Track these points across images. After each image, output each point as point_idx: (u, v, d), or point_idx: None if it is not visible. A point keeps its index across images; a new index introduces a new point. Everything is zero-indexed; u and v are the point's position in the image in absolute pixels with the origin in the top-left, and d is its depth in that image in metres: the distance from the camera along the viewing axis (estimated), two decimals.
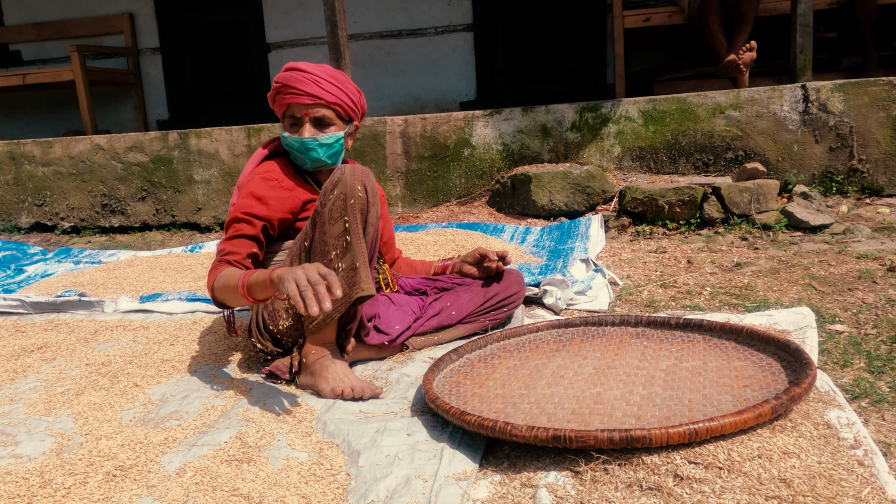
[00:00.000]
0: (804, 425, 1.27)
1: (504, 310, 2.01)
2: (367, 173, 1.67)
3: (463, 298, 1.98)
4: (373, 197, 1.65)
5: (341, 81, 1.84)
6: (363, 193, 1.63)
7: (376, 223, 1.69)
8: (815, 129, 3.41)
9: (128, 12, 5.75)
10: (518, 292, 2.04)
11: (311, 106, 1.81)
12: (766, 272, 2.43)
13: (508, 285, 2.02)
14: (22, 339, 2.23)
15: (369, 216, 1.65)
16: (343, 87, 1.84)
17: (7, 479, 1.28)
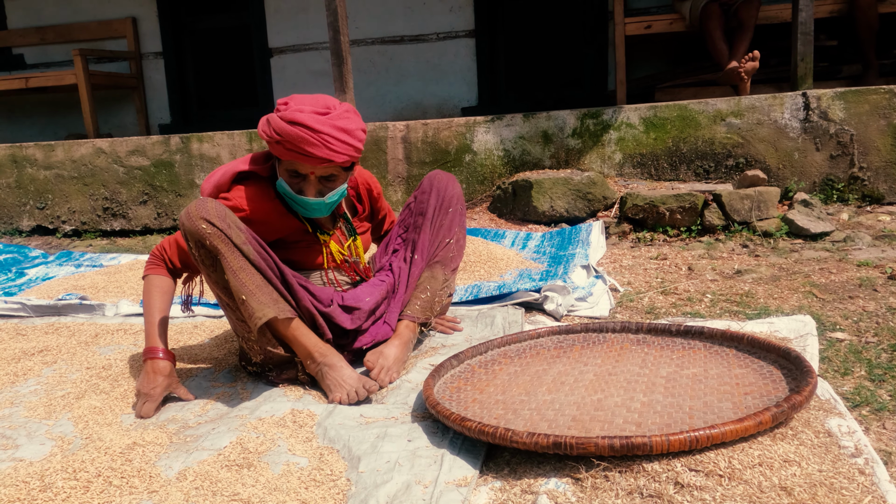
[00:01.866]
0: (805, 433, 1.27)
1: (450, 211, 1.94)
2: (202, 204, 1.56)
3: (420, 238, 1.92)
4: (223, 221, 1.54)
5: (351, 132, 1.65)
6: (209, 227, 1.53)
7: (255, 240, 1.61)
8: (816, 136, 3.42)
9: (131, 16, 5.77)
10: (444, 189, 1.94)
11: (318, 166, 1.66)
12: (766, 279, 2.43)
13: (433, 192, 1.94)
14: (23, 342, 2.23)
15: (235, 241, 1.55)
16: (352, 140, 1.65)
17: (7, 483, 1.28)
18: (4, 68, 6.13)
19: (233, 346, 2.06)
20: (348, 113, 1.67)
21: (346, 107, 1.68)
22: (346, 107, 1.68)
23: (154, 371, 1.65)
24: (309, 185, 1.68)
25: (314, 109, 1.62)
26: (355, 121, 1.67)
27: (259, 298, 1.56)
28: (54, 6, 5.92)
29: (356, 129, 1.66)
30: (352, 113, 1.68)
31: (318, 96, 1.68)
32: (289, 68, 5.58)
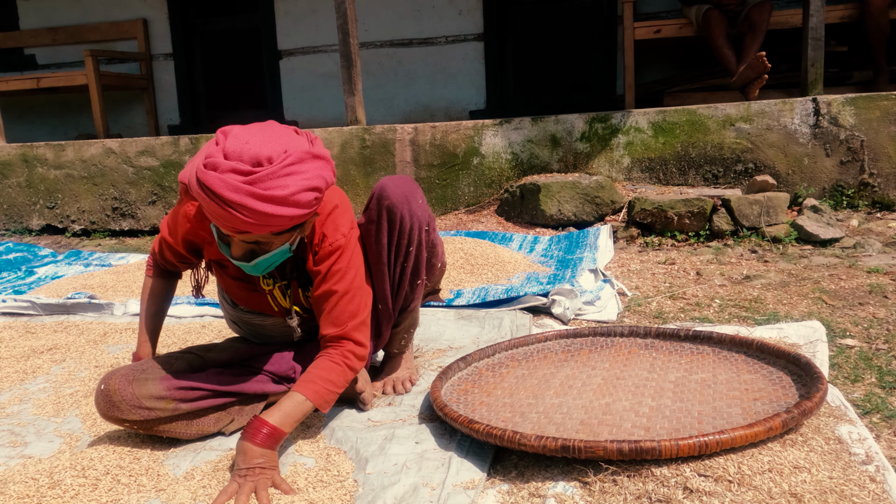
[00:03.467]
0: (815, 440, 1.26)
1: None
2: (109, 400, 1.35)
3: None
4: (141, 411, 1.36)
5: (283, 201, 1.20)
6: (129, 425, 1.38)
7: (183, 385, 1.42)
8: (826, 142, 3.40)
9: (142, 18, 5.81)
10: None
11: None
12: (775, 285, 2.42)
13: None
14: (32, 340, 2.24)
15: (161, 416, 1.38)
16: (283, 211, 1.21)
17: (17, 480, 1.28)
18: (16, 68, 6.18)
19: None
20: (290, 169, 1.20)
21: (294, 157, 1.21)
22: (294, 157, 1.21)
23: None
24: (234, 244, 1.33)
25: (235, 167, 1.18)
26: (298, 180, 1.21)
27: (202, 429, 1.46)
28: (66, 7, 5.97)
29: (295, 193, 1.20)
30: (299, 165, 1.21)
31: (267, 135, 1.23)
32: (298, 70, 5.60)
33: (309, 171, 1.23)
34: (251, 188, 1.18)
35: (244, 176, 1.18)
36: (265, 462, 1.25)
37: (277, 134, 1.24)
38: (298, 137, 1.27)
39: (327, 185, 1.27)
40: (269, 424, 1.27)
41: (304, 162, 1.22)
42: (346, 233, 1.44)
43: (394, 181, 1.54)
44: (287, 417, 1.30)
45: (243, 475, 1.23)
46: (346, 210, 1.48)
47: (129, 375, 1.39)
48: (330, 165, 1.29)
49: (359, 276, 1.47)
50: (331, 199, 1.45)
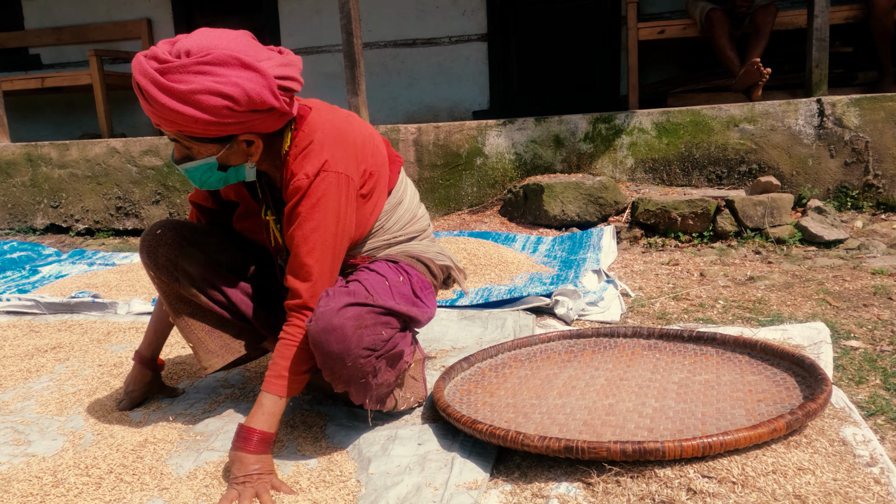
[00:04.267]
0: (819, 441, 1.25)
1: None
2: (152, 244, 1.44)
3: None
4: (170, 270, 1.44)
5: (184, 97, 1.17)
6: (154, 275, 1.48)
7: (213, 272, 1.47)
8: (831, 143, 3.39)
9: (145, 18, 5.82)
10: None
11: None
12: (779, 286, 2.41)
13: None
14: (36, 338, 2.25)
15: (183, 264, 1.45)
16: (184, 109, 1.18)
17: (20, 478, 1.29)
18: (21, 68, 6.20)
19: None
20: (202, 67, 1.16)
21: (213, 57, 1.16)
22: (213, 57, 1.16)
23: (133, 373, 1.67)
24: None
25: (157, 55, 1.18)
26: (205, 80, 1.16)
27: (207, 347, 1.52)
28: (70, 7, 5.98)
29: (195, 92, 1.16)
30: (215, 67, 1.16)
31: (217, 35, 1.21)
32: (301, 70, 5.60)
33: (225, 76, 1.17)
34: (156, 76, 1.16)
35: (159, 64, 1.18)
36: (261, 468, 1.25)
37: (230, 37, 1.22)
38: (251, 47, 1.23)
39: (247, 98, 1.19)
40: (258, 431, 1.26)
41: (224, 66, 1.17)
42: (310, 173, 1.31)
43: (322, 330, 1.24)
44: (271, 417, 1.29)
45: (241, 482, 1.23)
46: (324, 148, 1.33)
47: (179, 242, 1.45)
48: (264, 81, 1.20)
49: (322, 228, 1.31)
50: (310, 133, 1.35)
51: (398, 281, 1.43)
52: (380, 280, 1.39)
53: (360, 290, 1.31)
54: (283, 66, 1.25)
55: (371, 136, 1.47)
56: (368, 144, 1.44)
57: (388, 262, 1.48)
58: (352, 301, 1.26)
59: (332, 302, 1.25)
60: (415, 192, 1.65)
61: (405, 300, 1.40)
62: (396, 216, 1.54)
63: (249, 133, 1.28)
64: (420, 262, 1.54)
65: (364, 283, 1.35)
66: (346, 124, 1.41)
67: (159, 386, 1.71)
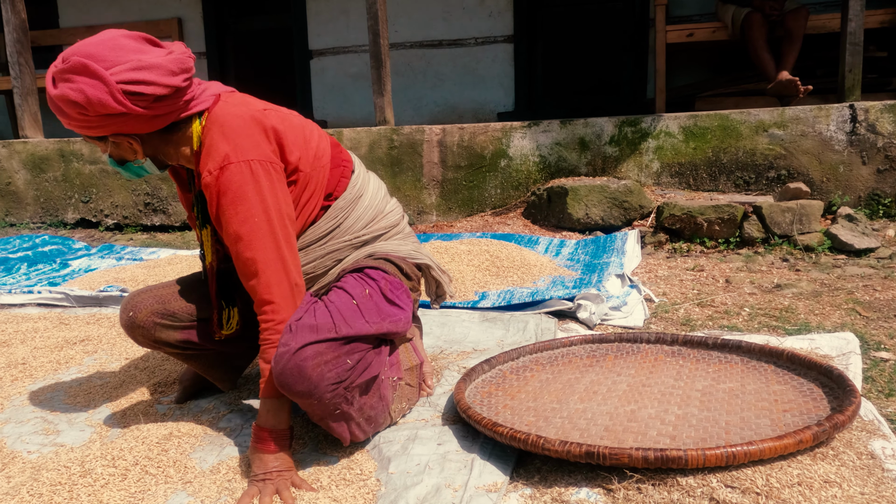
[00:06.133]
0: (846, 454, 1.23)
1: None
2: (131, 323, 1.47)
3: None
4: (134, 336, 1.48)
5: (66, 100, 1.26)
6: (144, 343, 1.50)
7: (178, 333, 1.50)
8: (863, 150, 3.33)
9: (177, 17, 5.91)
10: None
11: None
12: (807, 295, 2.37)
13: None
14: (65, 331, 2.29)
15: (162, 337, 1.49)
16: (69, 109, 1.27)
17: (49, 467, 1.32)
18: None
19: None
20: (62, 75, 1.25)
21: (64, 67, 1.25)
22: (64, 67, 1.25)
23: (188, 366, 1.71)
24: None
25: (56, 63, 1.28)
26: (63, 88, 1.25)
27: (213, 376, 1.64)
28: (104, 6, 6.10)
29: (57, 97, 1.26)
30: (68, 75, 1.25)
31: (95, 41, 1.27)
32: (328, 70, 5.65)
33: (76, 83, 1.25)
34: (48, 79, 1.29)
35: (53, 67, 1.29)
36: (281, 465, 1.26)
37: (100, 42, 1.27)
38: (112, 51, 1.25)
39: (90, 103, 1.24)
40: (273, 430, 1.28)
41: (76, 73, 1.24)
42: (213, 169, 1.30)
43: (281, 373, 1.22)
44: (279, 413, 1.29)
45: (262, 479, 1.24)
46: (224, 139, 1.30)
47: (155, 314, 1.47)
48: (105, 88, 1.23)
49: (251, 219, 1.28)
50: (209, 128, 1.33)
51: (364, 295, 1.37)
52: (346, 300, 1.34)
53: (325, 321, 1.26)
54: (135, 70, 1.25)
55: (300, 127, 1.42)
56: (292, 134, 1.38)
57: (354, 275, 1.44)
58: (310, 340, 1.22)
59: (291, 341, 1.23)
60: (380, 187, 1.59)
61: (375, 315, 1.35)
62: (356, 214, 1.50)
63: (120, 134, 1.33)
64: (389, 262, 1.50)
65: (330, 308, 1.30)
66: (257, 114, 1.35)
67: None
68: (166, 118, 1.32)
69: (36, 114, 4.79)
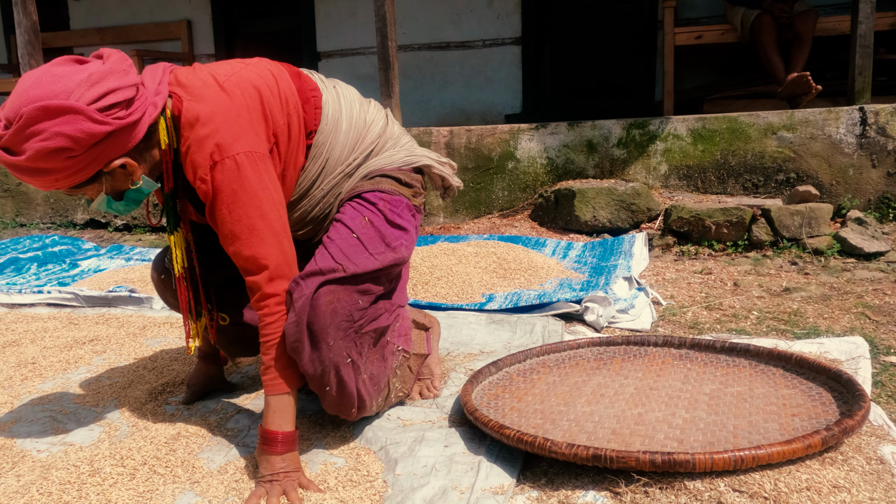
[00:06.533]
0: (856, 459, 1.22)
1: None
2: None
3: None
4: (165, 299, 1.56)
5: (32, 170, 1.17)
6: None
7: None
8: (873, 153, 3.31)
9: (186, 19, 5.95)
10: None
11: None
12: (816, 298, 2.36)
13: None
14: (75, 331, 2.31)
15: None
16: (41, 174, 1.18)
17: (59, 466, 1.32)
18: None
19: None
20: (25, 133, 1.14)
21: (25, 119, 1.13)
22: (25, 119, 1.13)
23: (196, 369, 1.72)
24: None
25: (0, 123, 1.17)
26: (35, 144, 1.14)
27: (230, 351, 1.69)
28: (114, 8, 6.15)
29: (33, 159, 1.15)
30: (33, 128, 1.13)
31: (28, 85, 1.16)
32: (336, 72, 5.66)
33: (46, 131, 1.13)
34: (3, 155, 1.16)
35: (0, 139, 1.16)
36: (288, 466, 1.26)
37: (33, 82, 1.15)
38: (57, 82, 1.15)
39: (76, 141, 1.14)
40: (280, 432, 1.27)
41: (39, 121, 1.13)
42: (205, 174, 1.25)
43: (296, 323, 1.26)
44: (285, 414, 1.29)
45: (269, 480, 1.24)
46: (214, 135, 1.24)
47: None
48: (82, 116, 1.14)
49: (245, 216, 1.26)
50: (188, 125, 1.26)
51: (364, 225, 1.38)
52: (346, 235, 1.35)
53: (328, 264, 1.29)
54: (93, 86, 1.16)
55: (265, 86, 1.34)
56: (269, 103, 1.32)
57: (352, 202, 1.42)
58: (320, 282, 1.26)
59: (305, 289, 1.26)
60: (353, 101, 1.50)
61: (379, 244, 1.37)
62: (339, 143, 1.44)
63: (112, 161, 1.22)
64: (386, 178, 1.46)
65: (331, 249, 1.32)
66: (226, 97, 1.28)
67: (220, 381, 1.75)
68: (142, 124, 1.23)
69: None
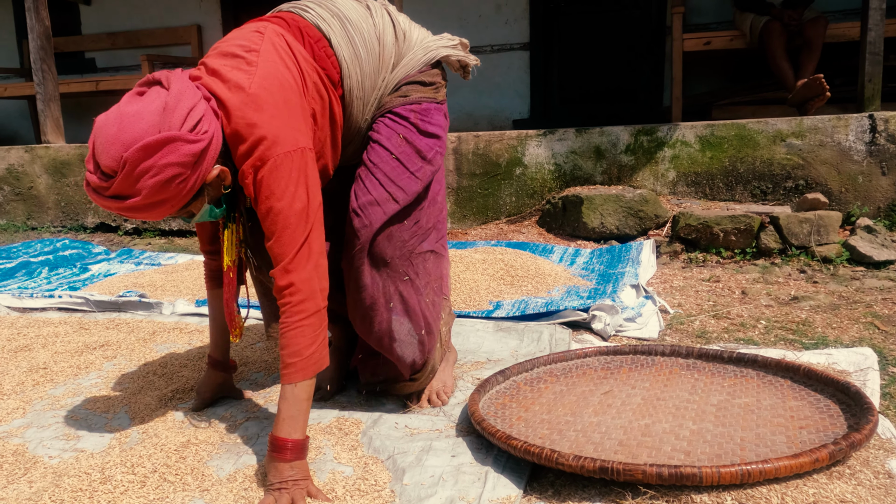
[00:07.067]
0: (863, 473, 1.22)
1: None
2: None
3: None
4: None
5: (136, 208, 1.22)
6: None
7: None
8: (883, 160, 3.30)
9: (196, 24, 5.99)
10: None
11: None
12: (825, 308, 2.35)
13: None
14: (86, 336, 2.33)
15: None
16: (145, 211, 1.23)
17: (71, 473, 1.34)
18: (77, 71, 6.44)
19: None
20: (134, 175, 1.18)
21: (132, 162, 1.17)
22: (132, 162, 1.17)
23: (206, 376, 1.73)
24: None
25: (97, 183, 1.21)
26: (147, 181, 1.19)
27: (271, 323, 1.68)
28: (125, 14, 6.20)
29: (150, 195, 1.20)
30: (142, 166, 1.18)
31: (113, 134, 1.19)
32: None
33: (155, 166, 1.18)
34: (115, 203, 1.21)
35: (105, 190, 1.21)
36: (297, 474, 1.27)
37: (123, 126, 1.19)
38: (144, 121, 1.19)
39: (184, 166, 1.20)
40: (290, 440, 1.27)
41: (144, 161, 1.18)
42: (247, 168, 1.28)
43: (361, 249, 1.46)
44: (295, 422, 1.29)
45: (278, 489, 1.25)
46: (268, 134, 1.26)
47: None
48: (182, 143, 1.19)
49: (284, 215, 1.28)
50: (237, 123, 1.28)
51: (400, 143, 1.51)
52: (386, 158, 1.49)
53: (381, 193, 1.46)
54: (174, 109, 1.21)
55: (291, 77, 1.33)
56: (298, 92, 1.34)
57: (385, 119, 1.52)
58: (381, 216, 1.45)
59: (372, 220, 1.44)
60: (358, 24, 1.48)
61: (416, 160, 1.51)
62: (364, 76, 1.48)
63: (210, 173, 1.27)
64: (412, 86, 1.55)
65: (377, 175, 1.47)
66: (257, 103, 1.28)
67: (230, 388, 1.76)
68: (219, 130, 1.28)
69: (58, 119, 4.88)
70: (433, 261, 1.59)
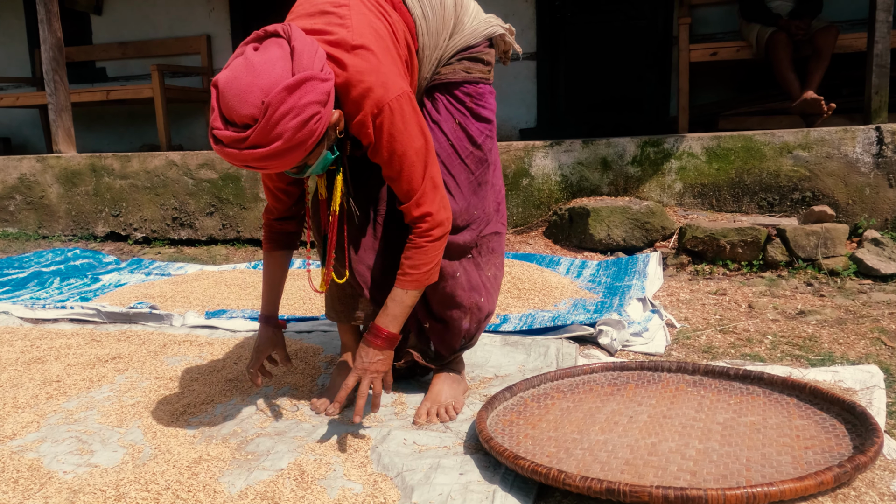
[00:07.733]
0: (868, 495, 1.23)
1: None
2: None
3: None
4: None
5: (277, 154, 1.25)
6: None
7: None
8: (890, 172, 3.30)
9: (205, 34, 6.05)
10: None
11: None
12: (831, 322, 2.36)
13: None
14: (97, 348, 2.36)
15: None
16: (283, 159, 1.26)
17: (85, 490, 1.36)
18: (88, 81, 6.51)
19: (291, 367, 2.12)
20: (276, 119, 1.21)
21: (274, 105, 1.21)
22: (274, 105, 1.21)
23: (262, 331, 1.78)
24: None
25: (232, 136, 1.24)
26: (289, 123, 1.22)
27: (333, 306, 1.82)
28: (135, 23, 6.26)
29: (292, 138, 1.23)
30: (284, 108, 1.21)
31: (247, 83, 1.23)
32: None
33: (295, 108, 1.22)
34: (252, 153, 1.23)
35: (242, 142, 1.23)
36: (379, 363, 1.51)
37: (257, 73, 1.23)
38: (277, 67, 1.24)
39: (321, 102, 1.25)
40: (386, 330, 1.50)
41: (285, 102, 1.22)
42: (367, 118, 1.37)
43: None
44: (395, 319, 1.51)
45: (362, 370, 1.50)
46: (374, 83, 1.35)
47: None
48: (318, 80, 1.25)
49: (409, 154, 1.41)
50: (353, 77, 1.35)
51: (456, 130, 1.62)
52: (444, 143, 1.61)
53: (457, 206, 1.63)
54: (303, 52, 1.26)
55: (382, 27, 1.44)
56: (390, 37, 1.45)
57: (444, 100, 1.62)
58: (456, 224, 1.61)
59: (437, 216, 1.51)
60: None
61: (468, 145, 1.63)
62: (433, 30, 1.57)
63: (332, 115, 1.33)
64: (475, 63, 1.64)
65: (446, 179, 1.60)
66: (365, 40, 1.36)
67: (281, 343, 1.79)
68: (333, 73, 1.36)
69: (69, 129, 4.93)
70: (496, 241, 1.75)
